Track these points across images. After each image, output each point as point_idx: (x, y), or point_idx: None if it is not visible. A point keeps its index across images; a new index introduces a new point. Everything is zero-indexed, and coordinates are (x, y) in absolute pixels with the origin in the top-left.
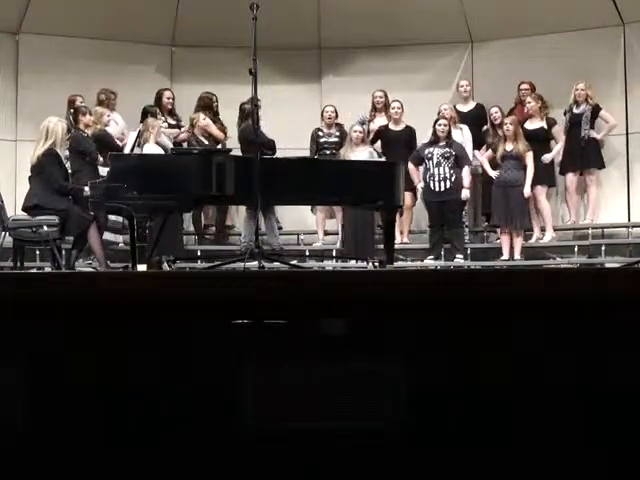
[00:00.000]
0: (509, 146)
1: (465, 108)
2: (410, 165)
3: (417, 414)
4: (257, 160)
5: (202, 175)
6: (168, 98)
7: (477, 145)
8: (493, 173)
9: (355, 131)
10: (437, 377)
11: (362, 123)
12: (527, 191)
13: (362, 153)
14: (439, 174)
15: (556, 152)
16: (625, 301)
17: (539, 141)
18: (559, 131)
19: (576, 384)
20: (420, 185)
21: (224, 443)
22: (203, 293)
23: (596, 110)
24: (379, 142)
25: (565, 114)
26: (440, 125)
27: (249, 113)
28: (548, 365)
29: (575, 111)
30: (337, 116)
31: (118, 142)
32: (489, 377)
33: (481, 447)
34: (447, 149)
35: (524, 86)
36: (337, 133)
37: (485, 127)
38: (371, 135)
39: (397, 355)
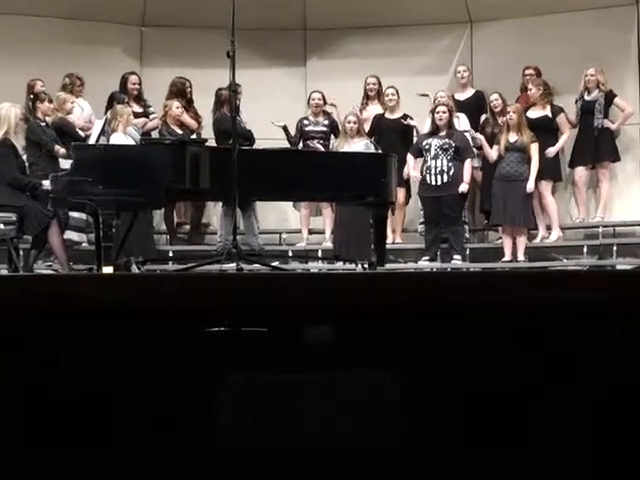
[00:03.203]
0: (513, 137)
1: (463, 96)
2: (409, 157)
3: (413, 428)
4: (235, 151)
5: (175, 168)
6: (134, 83)
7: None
8: (492, 153)
9: (349, 122)
10: (434, 387)
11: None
12: (530, 186)
13: (357, 145)
14: (436, 167)
15: (561, 145)
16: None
17: (543, 131)
18: (564, 121)
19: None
20: (413, 174)
21: (197, 462)
22: (174, 298)
23: (610, 97)
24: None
25: (576, 102)
26: (438, 113)
27: (225, 100)
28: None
29: (587, 98)
30: (325, 103)
31: (80, 132)
32: (490, 386)
33: (485, 462)
34: (447, 140)
35: (529, 71)
36: (325, 122)
37: (484, 116)
38: (365, 125)
39: (389, 366)
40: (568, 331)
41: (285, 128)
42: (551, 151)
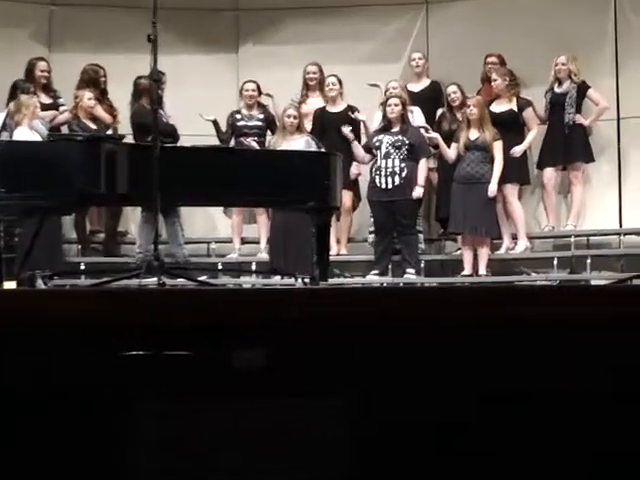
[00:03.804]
0: (473, 134)
1: (417, 87)
2: (355, 147)
3: (362, 464)
4: (157, 149)
5: (87, 168)
6: (42, 70)
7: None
8: (450, 153)
9: (288, 116)
10: (385, 418)
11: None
12: (493, 189)
13: (298, 142)
14: (386, 167)
15: (528, 143)
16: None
17: (508, 127)
18: (532, 116)
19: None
20: (354, 171)
21: None
22: (86, 317)
23: (582, 89)
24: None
25: (545, 95)
26: (390, 106)
27: (145, 90)
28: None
29: (557, 91)
30: (260, 94)
31: None
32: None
33: None
34: (399, 137)
35: (491, 59)
36: (260, 116)
37: (441, 110)
38: (306, 120)
39: (333, 394)
40: (537, 356)
41: (215, 123)
42: (517, 150)
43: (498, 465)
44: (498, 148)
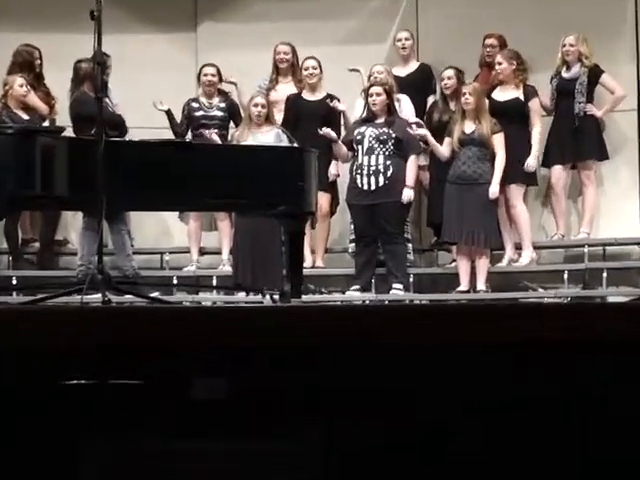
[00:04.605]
0: (469, 126)
1: (404, 71)
2: (337, 147)
3: None
4: (102, 144)
5: (19, 166)
6: None
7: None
8: (442, 150)
9: (256, 105)
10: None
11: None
12: (494, 190)
13: (266, 136)
14: (369, 165)
15: (537, 145)
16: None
17: (513, 118)
18: (537, 109)
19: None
20: (333, 171)
21: None
22: (20, 340)
23: (595, 74)
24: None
25: (551, 81)
26: (372, 96)
27: (87, 76)
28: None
29: (565, 76)
30: (221, 80)
31: None
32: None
33: None
34: (385, 129)
35: (490, 41)
36: (221, 105)
37: (432, 98)
38: (276, 109)
39: (307, 428)
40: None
41: (169, 113)
42: (530, 164)
43: None
44: (499, 142)
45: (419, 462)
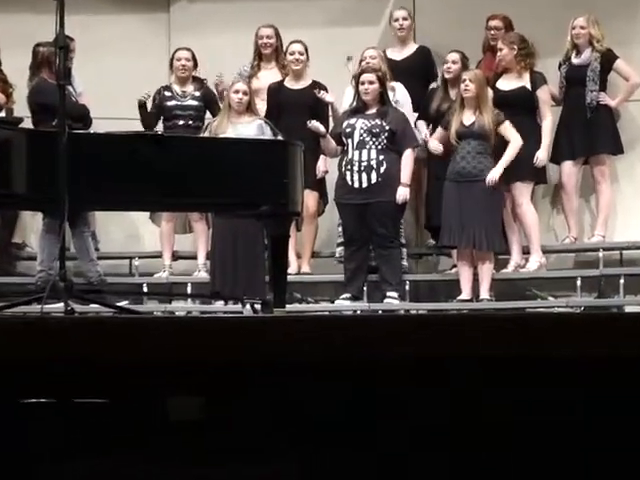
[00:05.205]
0: (468, 117)
1: (401, 54)
2: (325, 141)
3: None
4: (64, 137)
5: None
6: None
7: (420, 113)
8: (434, 142)
9: (237, 91)
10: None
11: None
12: (494, 176)
13: (247, 127)
14: (360, 160)
15: (548, 140)
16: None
17: (520, 110)
18: (547, 98)
19: None
20: (322, 168)
21: None
22: None
23: (608, 60)
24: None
25: (560, 67)
26: (364, 83)
27: (47, 60)
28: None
29: (575, 61)
30: (196, 65)
31: None
32: None
33: None
34: (377, 121)
35: (494, 22)
36: (196, 93)
37: (432, 85)
38: (258, 98)
39: (286, 456)
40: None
41: (141, 103)
42: (541, 158)
43: None
44: (508, 130)
45: None
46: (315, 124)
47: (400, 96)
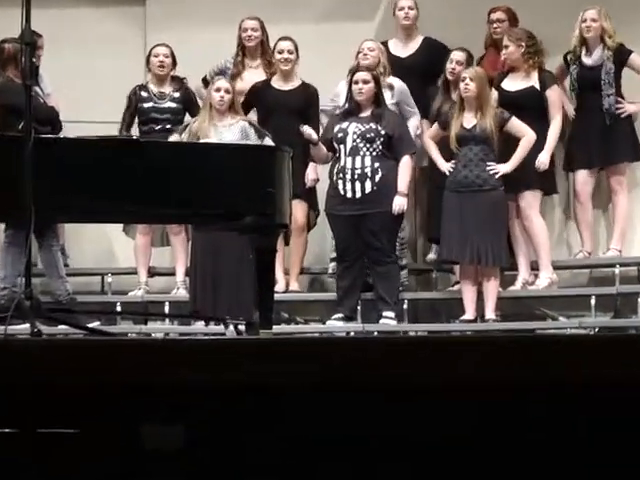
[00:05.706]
0: (469, 121)
1: (405, 50)
2: (315, 149)
3: None
4: (30, 142)
5: None
6: None
7: (424, 114)
8: (446, 166)
9: (218, 89)
10: None
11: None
12: (543, 159)
13: (230, 130)
14: (353, 168)
15: (553, 143)
16: None
17: (529, 112)
18: (557, 99)
19: None
20: (311, 176)
21: None
22: None
23: (621, 56)
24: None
25: (568, 66)
26: (358, 82)
27: (12, 58)
28: None
29: (585, 61)
30: (175, 64)
31: None
32: None
33: None
34: (372, 125)
35: (497, 15)
36: (175, 95)
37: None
38: (242, 98)
39: None
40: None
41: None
42: (543, 161)
43: None
44: (516, 125)
45: None
46: (308, 131)
47: (398, 93)
